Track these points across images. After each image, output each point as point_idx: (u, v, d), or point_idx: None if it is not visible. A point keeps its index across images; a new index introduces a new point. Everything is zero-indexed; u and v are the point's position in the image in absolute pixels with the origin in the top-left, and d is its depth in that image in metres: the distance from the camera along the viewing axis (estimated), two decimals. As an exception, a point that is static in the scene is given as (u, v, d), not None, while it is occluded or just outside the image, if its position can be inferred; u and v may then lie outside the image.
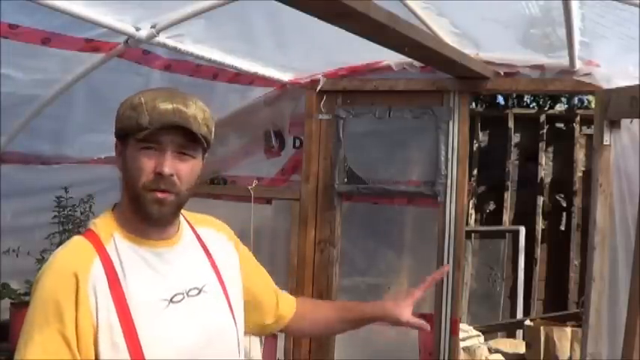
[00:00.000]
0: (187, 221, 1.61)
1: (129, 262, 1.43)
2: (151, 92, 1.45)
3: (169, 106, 1.41)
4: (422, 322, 1.82)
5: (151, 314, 1.41)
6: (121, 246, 1.45)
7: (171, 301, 1.45)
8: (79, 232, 1.52)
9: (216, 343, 1.51)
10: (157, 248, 1.48)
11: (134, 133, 1.41)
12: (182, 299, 1.47)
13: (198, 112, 1.44)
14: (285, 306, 1.82)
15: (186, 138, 1.43)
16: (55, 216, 3.20)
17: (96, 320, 1.36)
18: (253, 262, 1.78)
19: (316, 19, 2.06)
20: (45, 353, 1.34)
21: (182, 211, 1.59)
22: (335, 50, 3.17)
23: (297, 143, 3.68)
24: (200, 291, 1.51)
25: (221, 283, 1.57)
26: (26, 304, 3.15)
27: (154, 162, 1.41)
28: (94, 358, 1.35)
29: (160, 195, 1.42)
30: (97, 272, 1.39)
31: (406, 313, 1.81)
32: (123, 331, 1.36)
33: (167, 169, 1.41)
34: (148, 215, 1.44)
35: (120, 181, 1.49)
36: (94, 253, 1.42)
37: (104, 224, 1.48)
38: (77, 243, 1.45)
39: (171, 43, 2.65)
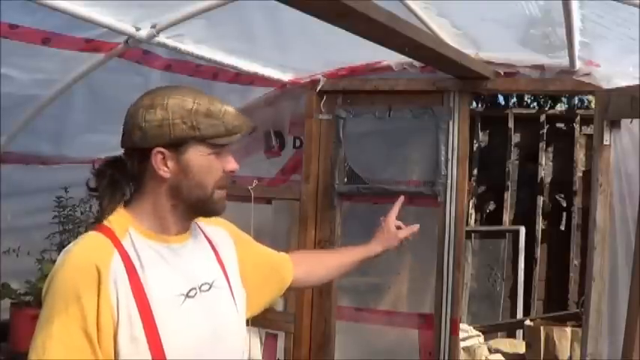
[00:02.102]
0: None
1: (146, 257, 1.44)
2: (199, 96, 1.50)
3: (231, 109, 1.50)
4: (410, 229, 2.23)
5: (169, 308, 1.43)
6: (137, 241, 1.46)
7: (187, 295, 1.47)
8: (79, 232, 1.54)
9: (226, 336, 1.54)
10: (170, 243, 1.51)
11: (214, 139, 1.47)
12: (196, 294, 1.49)
13: None
14: (286, 274, 1.93)
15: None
16: (55, 216, 3.20)
17: (117, 314, 1.36)
18: (252, 250, 1.83)
19: (316, 19, 2.06)
20: (66, 349, 1.33)
21: None
22: (335, 50, 3.17)
23: (297, 143, 3.68)
24: (211, 286, 1.54)
25: (226, 279, 1.60)
26: (26, 304, 3.15)
27: (220, 162, 1.51)
28: (113, 351, 1.36)
29: (225, 192, 1.54)
30: (116, 266, 1.40)
31: (395, 242, 2.19)
32: (143, 326, 1.37)
33: (238, 167, 1.54)
34: (215, 213, 1.55)
35: (175, 186, 1.50)
36: (112, 247, 1.43)
37: (118, 220, 1.49)
38: (94, 237, 1.46)
39: (171, 43, 2.65)
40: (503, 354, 5.25)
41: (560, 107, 7.61)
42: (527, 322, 5.39)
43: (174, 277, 1.47)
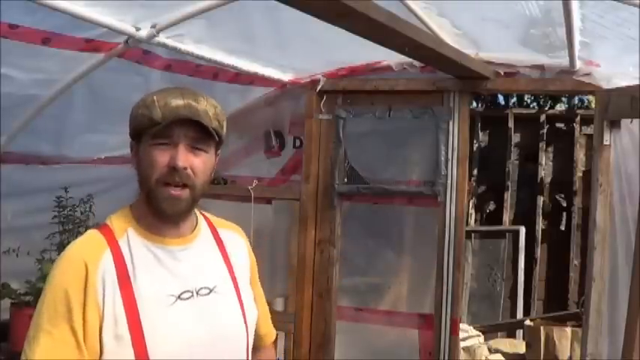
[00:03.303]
0: (210, 223, 1.63)
1: (140, 258, 1.45)
2: (163, 91, 1.49)
3: (180, 102, 1.44)
4: None
5: (157, 309, 1.42)
6: (134, 241, 1.47)
7: (179, 297, 1.46)
8: (79, 232, 1.53)
9: (223, 343, 1.51)
10: (169, 246, 1.50)
11: (147, 130, 1.44)
12: (190, 297, 1.47)
13: (209, 107, 1.48)
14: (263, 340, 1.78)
15: (198, 132, 1.45)
16: (55, 216, 3.20)
17: (102, 310, 1.37)
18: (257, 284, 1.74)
19: (316, 19, 2.06)
20: (52, 341, 1.35)
21: (206, 214, 1.63)
22: (335, 50, 3.17)
23: (297, 143, 3.68)
24: (211, 291, 1.52)
25: (235, 286, 1.58)
26: (26, 304, 3.15)
27: (167, 156, 1.44)
28: (98, 348, 1.37)
29: (173, 192, 1.45)
30: (106, 264, 1.41)
31: None
32: (128, 324, 1.38)
33: (181, 163, 1.43)
34: (162, 211, 1.47)
35: (137, 180, 1.51)
36: (106, 245, 1.44)
37: (120, 219, 1.50)
38: (90, 236, 1.48)
39: (171, 43, 2.65)
40: (503, 354, 5.24)
41: (560, 107, 7.62)
42: (527, 322, 5.38)
43: (167, 279, 1.46)
